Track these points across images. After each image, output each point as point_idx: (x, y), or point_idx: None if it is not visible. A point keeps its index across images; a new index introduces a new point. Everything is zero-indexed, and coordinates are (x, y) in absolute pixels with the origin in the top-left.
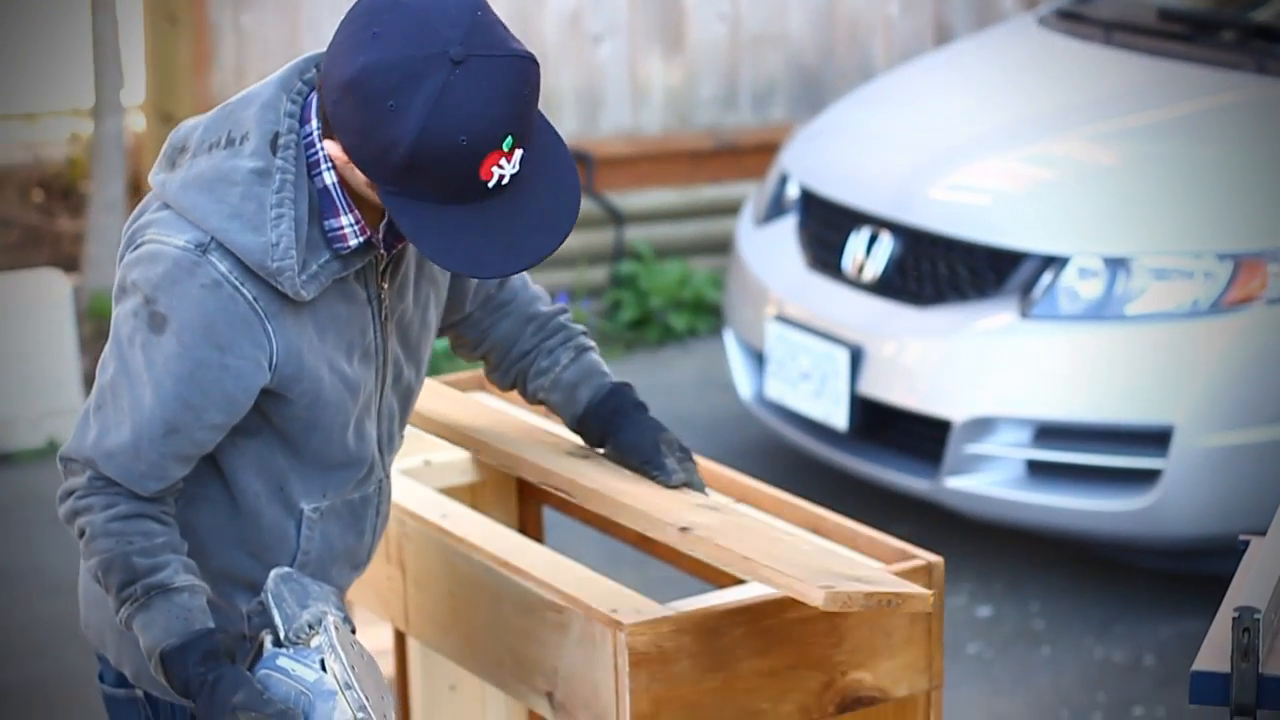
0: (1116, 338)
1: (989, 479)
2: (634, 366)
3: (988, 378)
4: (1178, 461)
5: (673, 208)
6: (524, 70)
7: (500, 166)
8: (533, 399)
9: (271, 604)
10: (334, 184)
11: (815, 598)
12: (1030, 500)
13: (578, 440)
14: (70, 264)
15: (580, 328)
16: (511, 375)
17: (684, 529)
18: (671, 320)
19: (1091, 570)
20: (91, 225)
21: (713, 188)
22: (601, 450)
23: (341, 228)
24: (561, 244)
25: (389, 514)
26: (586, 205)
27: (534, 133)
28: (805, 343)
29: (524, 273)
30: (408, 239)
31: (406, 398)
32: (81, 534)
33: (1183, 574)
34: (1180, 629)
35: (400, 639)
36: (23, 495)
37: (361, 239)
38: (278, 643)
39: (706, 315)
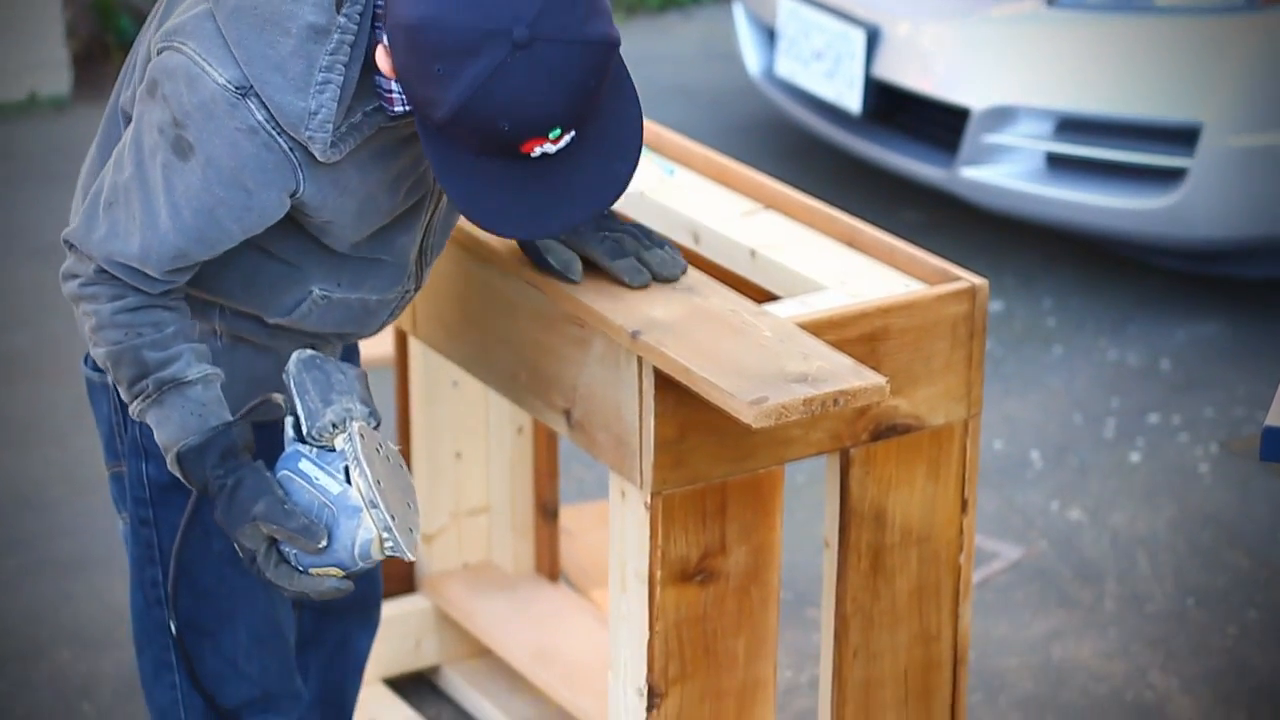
0: (1146, 30)
1: (1006, 170)
2: (635, 33)
3: (1009, 65)
4: (1204, 160)
5: None
6: (595, 60)
7: (544, 146)
8: None
9: (294, 392)
10: None
11: (746, 416)
12: (1048, 194)
13: None
14: None
15: None
16: None
17: (634, 333)
18: None
19: (1106, 268)
20: None
21: None
22: None
23: (391, 90)
24: (598, 214)
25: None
26: None
27: (594, 111)
28: (819, 20)
29: None
30: (436, 179)
31: None
32: (87, 317)
33: (1201, 276)
34: (1197, 333)
35: (402, 335)
36: (3, 152)
37: (406, 108)
38: (298, 430)
39: None
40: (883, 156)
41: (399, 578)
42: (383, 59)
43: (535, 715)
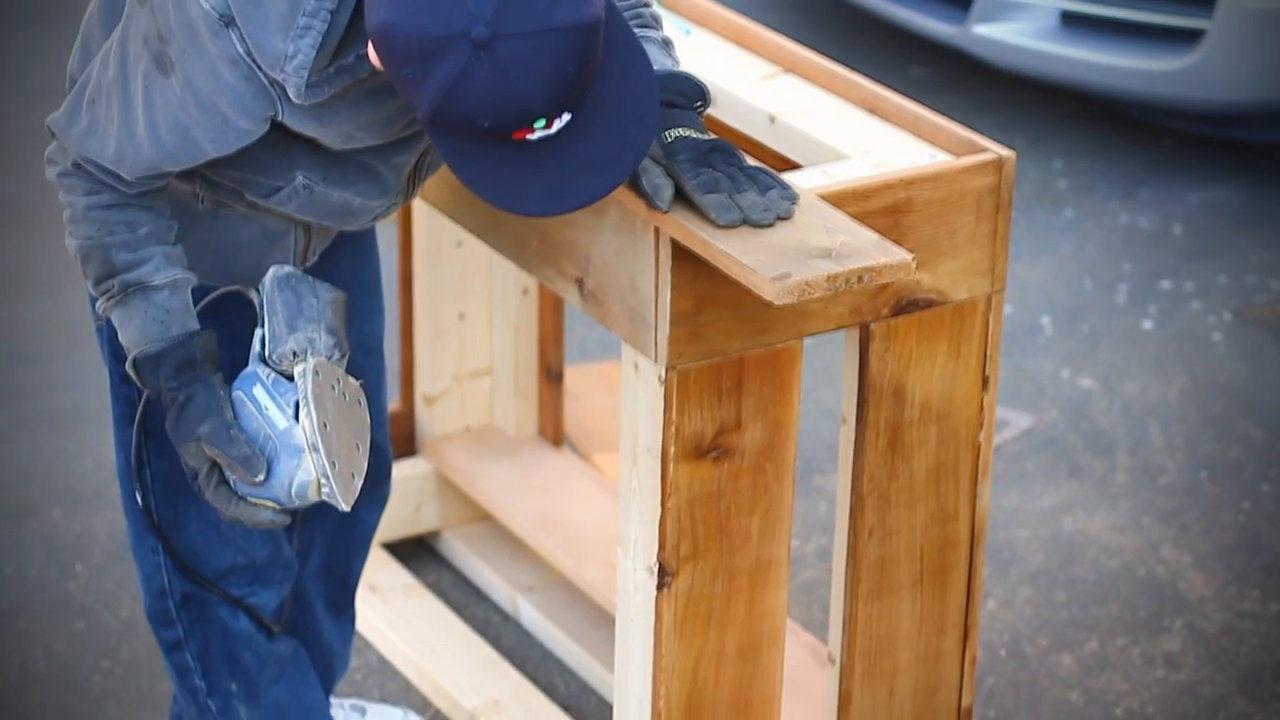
0: None
1: (1020, 28)
2: None
3: None
4: (1223, 22)
5: None
6: (569, 46)
7: (534, 132)
8: None
9: (264, 311)
10: None
11: (768, 292)
12: (1062, 53)
13: None
14: None
15: (645, 8)
16: None
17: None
18: None
19: (1117, 129)
20: None
21: None
22: None
23: None
24: (621, 184)
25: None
26: None
27: (585, 91)
28: None
29: None
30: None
31: None
32: (64, 206)
33: (1213, 139)
34: (1209, 197)
35: None
36: None
37: None
38: (264, 347)
39: None
40: (893, 11)
41: (400, 440)
42: (373, 53)
43: (537, 583)
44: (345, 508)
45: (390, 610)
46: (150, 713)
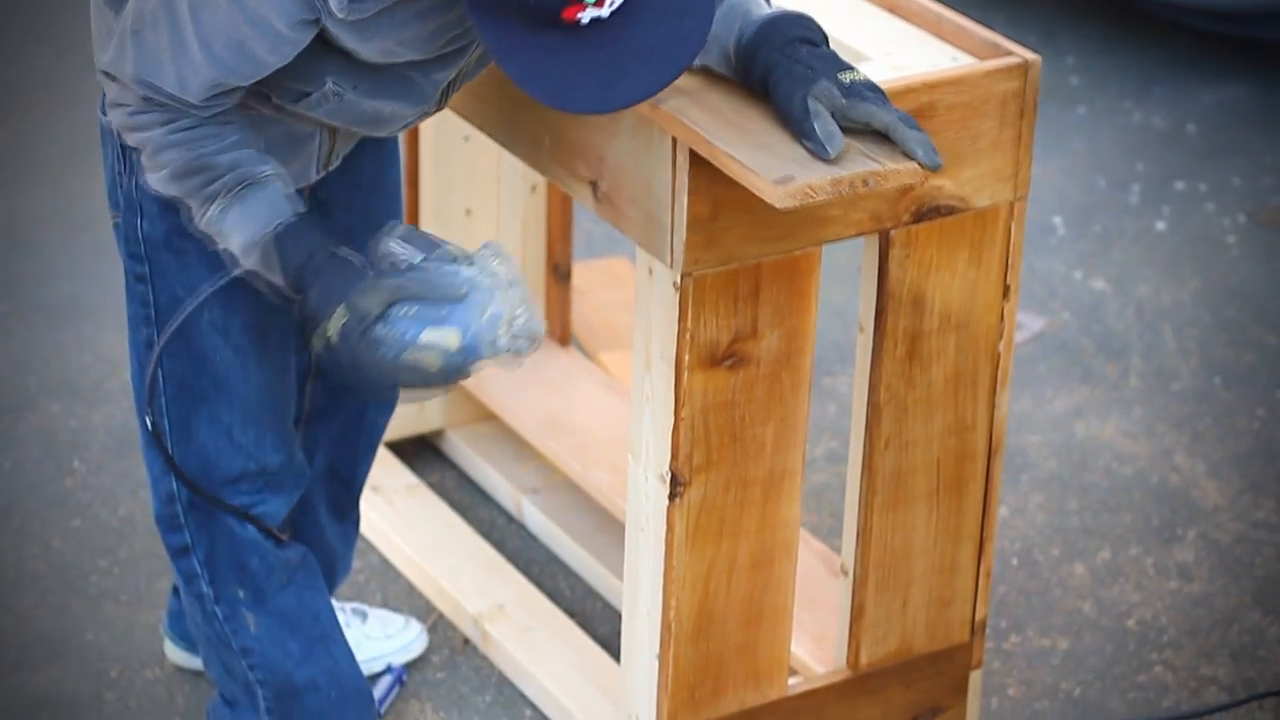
0: None
1: None
2: None
3: None
4: None
5: None
6: None
7: (587, 11)
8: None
9: (397, 248)
10: None
11: (770, 195)
12: None
13: None
14: None
15: None
16: None
17: (656, 101)
18: None
19: (1130, 26)
20: None
21: None
22: None
23: None
24: (675, 79)
25: None
26: None
27: None
28: None
29: None
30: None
31: None
32: (141, 146)
33: (1227, 37)
34: (1224, 96)
35: None
36: None
37: None
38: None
39: None
40: None
41: None
42: None
43: (542, 484)
44: (534, 346)
45: (393, 511)
46: (148, 612)
